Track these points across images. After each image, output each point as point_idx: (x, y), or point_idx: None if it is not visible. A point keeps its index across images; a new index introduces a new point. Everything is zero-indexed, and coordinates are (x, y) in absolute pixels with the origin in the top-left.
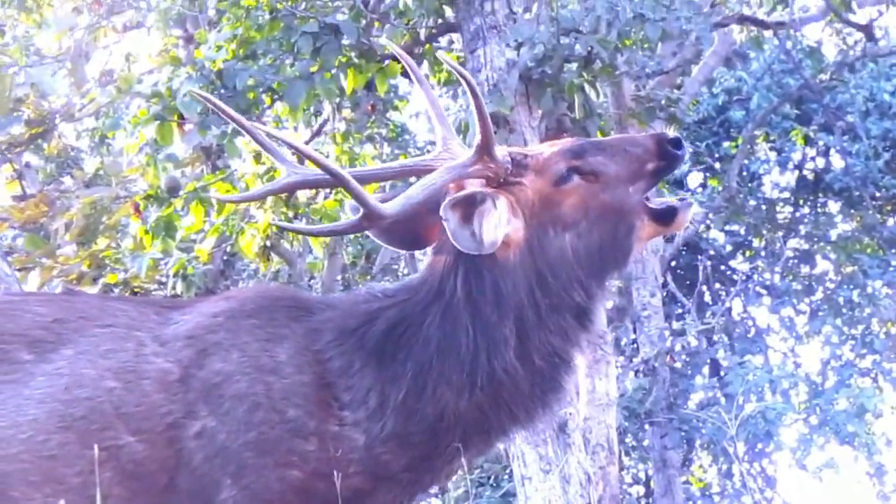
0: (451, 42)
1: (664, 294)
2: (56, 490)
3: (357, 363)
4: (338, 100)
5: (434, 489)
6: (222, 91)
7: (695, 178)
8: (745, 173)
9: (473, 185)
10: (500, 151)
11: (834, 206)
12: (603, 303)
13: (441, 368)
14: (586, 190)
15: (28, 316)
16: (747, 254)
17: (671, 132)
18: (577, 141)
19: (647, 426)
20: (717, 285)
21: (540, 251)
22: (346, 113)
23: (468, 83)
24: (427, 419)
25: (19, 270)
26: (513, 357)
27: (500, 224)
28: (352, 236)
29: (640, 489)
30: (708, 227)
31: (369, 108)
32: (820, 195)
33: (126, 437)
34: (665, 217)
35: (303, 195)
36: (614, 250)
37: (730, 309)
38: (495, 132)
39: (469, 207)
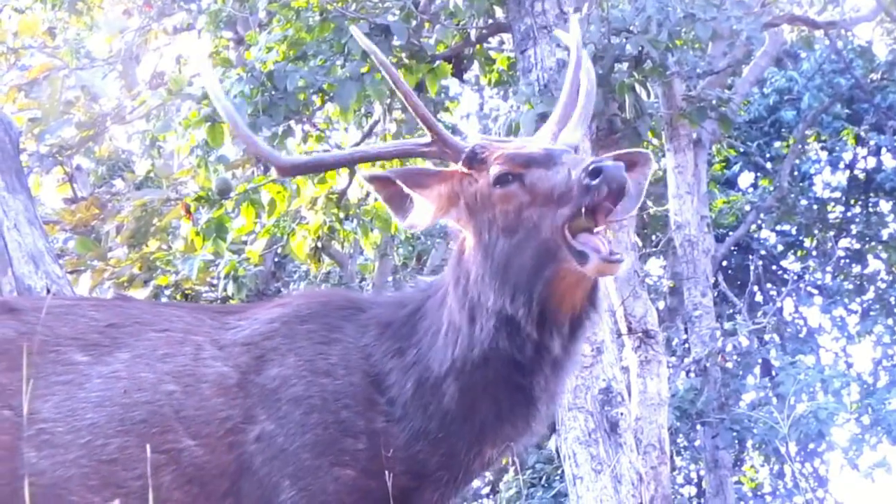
0: (501, 42)
1: (715, 294)
2: (115, 493)
3: (389, 355)
4: (388, 101)
5: (487, 490)
6: (273, 92)
7: (746, 179)
8: (796, 173)
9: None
10: (471, 140)
11: (885, 206)
12: (530, 318)
13: (429, 356)
14: (518, 200)
15: (83, 320)
16: (798, 254)
17: (605, 158)
18: (552, 148)
19: (698, 426)
20: (769, 285)
21: (480, 247)
22: (397, 114)
23: (386, 68)
24: (435, 414)
25: (71, 273)
26: (464, 346)
27: (422, 211)
28: (403, 237)
29: (692, 489)
30: (759, 227)
31: None
32: (871, 195)
33: (186, 441)
34: (579, 258)
35: (354, 196)
36: (528, 272)
37: (781, 309)
38: None
39: (391, 185)
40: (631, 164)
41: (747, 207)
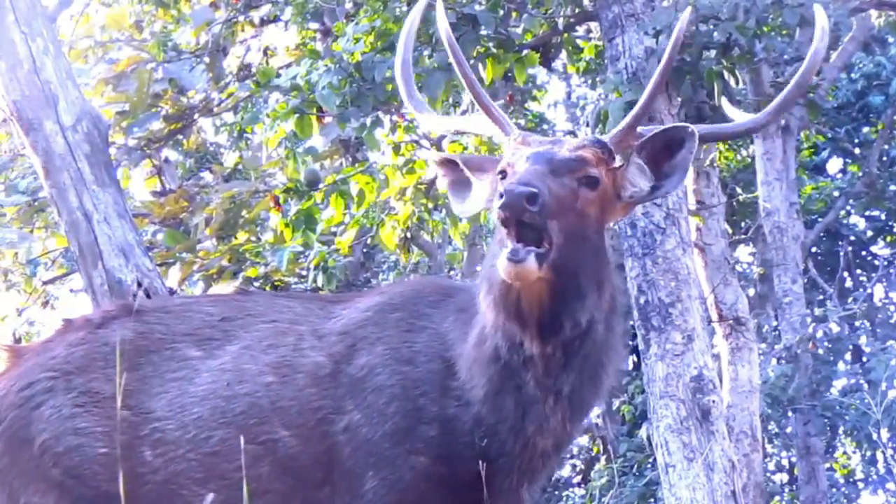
0: (588, 31)
1: (805, 280)
2: (219, 486)
3: (459, 340)
4: None
5: (578, 479)
6: (361, 83)
7: (835, 164)
8: (885, 158)
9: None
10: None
11: None
12: (507, 315)
13: (468, 343)
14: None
15: (198, 316)
16: (888, 239)
17: (516, 185)
18: (535, 152)
19: (790, 413)
20: (859, 271)
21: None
22: None
23: (453, 50)
24: (480, 400)
25: (160, 266)
26: (481, 338)
27: (477, 194)
28: (491, 227)
29: (784, 476)
30: (848, 213)
31: (508, 98)
32: None
33: (281, 432)
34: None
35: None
36: (490, 272)
37: (871, 294)
38: None
39: (457, 169)
40: (678, 140)
41: (836, 193)
